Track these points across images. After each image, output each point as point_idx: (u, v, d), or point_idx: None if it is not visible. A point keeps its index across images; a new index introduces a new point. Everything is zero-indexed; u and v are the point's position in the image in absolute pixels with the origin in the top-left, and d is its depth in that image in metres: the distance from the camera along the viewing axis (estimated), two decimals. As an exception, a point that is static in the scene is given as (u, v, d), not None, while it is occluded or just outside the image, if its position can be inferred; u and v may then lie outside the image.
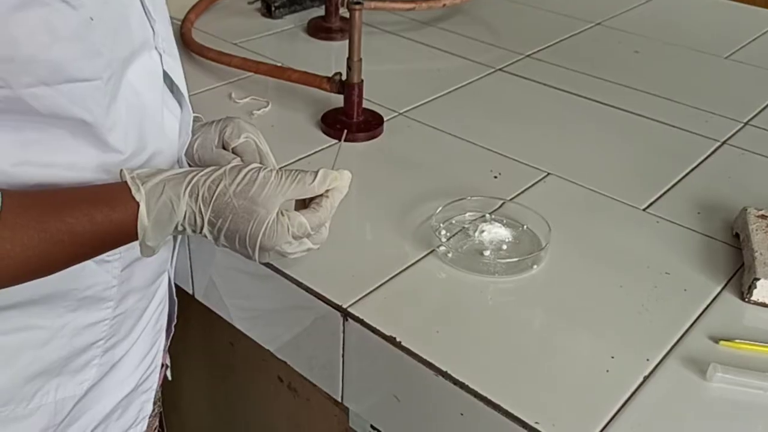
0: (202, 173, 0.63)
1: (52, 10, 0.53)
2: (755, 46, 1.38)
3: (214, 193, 0.62)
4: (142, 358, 0.77)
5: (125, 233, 0.61)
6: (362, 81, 1.02)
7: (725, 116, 1.12)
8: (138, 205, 0.60)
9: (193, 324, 1.00)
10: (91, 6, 0.56)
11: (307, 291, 0.74)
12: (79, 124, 0.58)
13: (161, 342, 0.81)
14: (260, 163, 0.85)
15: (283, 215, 0.64)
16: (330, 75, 1.04)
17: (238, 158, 0.82)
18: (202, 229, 0.63)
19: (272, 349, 0.84)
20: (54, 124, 0.58)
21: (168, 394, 1.03)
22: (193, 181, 0.63)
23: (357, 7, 0.96)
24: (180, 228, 0.63)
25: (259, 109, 1.07)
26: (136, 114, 0.64)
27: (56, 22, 0.54)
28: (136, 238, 0.62)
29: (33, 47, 0.53)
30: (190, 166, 0.82)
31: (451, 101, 1.14)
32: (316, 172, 0.65)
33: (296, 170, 0.65)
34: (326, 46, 1.32)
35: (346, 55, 1.00)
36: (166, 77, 0.70)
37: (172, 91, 0.73)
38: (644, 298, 0.75)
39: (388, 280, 0.76)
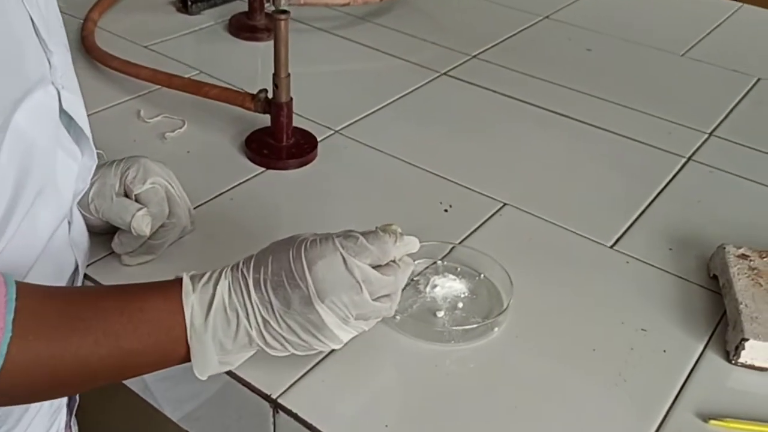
0: None
1: None
2: (710, 41, 1.30)
3: (253, 254, 0.57)
4: (39, 441, 0.65)
5: (164, 316, 0.54)
6: (291, 99, 0.88)
7: (688, 126, 1.03)
8: (181, 280, 0.55)
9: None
10: None
11: (232, 377, 0.62)
12: None
13: (61, 420, 0.70)
14: (171, 211, 0.73)
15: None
16: (254, 92, 0.91)
17: (144, 208, 0.70)
18: (249, 295, 0.54)
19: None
20: None
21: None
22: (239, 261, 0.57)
23: (283, 16, 0.82)
24: (229, 311, 0.55)
25: (173, 131, 0.93)
26: (18, 159, 0.52)
27: None
28: (179, 326, 0.55)
29: None
30: (84, 217, 0.69)
31: (393, 114, 1.02)
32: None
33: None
34: (251, 47, 1.18)
35: (272, 68, 0.86)
36: (64, 115, 0.58)
37: (69, 131, 0.60)
38: (621, 364, 0.65)
39: (324, 358, 0.63)
